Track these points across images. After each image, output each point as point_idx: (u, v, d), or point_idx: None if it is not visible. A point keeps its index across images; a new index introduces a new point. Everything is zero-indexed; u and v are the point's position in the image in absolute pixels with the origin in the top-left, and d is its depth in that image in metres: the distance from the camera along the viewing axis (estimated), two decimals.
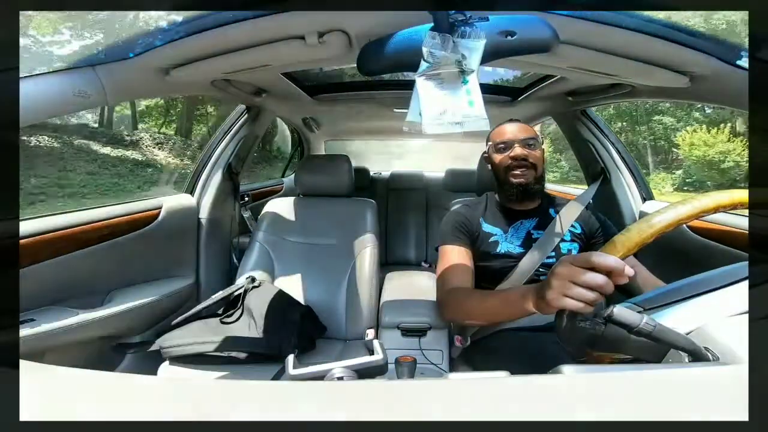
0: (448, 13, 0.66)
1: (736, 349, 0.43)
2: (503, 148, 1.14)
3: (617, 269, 0.56)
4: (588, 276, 0.58)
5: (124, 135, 10.88)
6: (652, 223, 0.57)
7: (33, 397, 0.27)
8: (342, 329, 1.41)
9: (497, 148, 1.16)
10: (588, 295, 0.58)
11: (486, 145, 1.24)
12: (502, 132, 1.16)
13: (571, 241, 1.14)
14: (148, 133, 11.56)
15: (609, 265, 0.56)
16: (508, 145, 1.13)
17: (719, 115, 10.73)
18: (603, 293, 0.58)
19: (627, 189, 1.63)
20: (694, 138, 10.13)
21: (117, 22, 1.90)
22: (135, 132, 11.53)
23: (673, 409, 0.27)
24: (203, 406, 0.28)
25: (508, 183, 1.14)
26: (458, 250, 1.13)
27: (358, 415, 0.26)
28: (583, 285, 0.58)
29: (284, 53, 0.98)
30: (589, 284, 0.58)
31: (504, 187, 1.16)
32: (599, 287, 0.57)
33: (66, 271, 1.11)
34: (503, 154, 1.14)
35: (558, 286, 0.61)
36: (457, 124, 0.71)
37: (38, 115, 0.81)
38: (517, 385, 0.32)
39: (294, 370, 0.52)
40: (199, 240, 1.63)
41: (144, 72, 0.99)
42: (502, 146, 1.14)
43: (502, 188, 1.17)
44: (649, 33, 0.82)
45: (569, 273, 0.60)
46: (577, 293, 0.58)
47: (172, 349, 1.12)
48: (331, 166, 1.63)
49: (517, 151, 1.11)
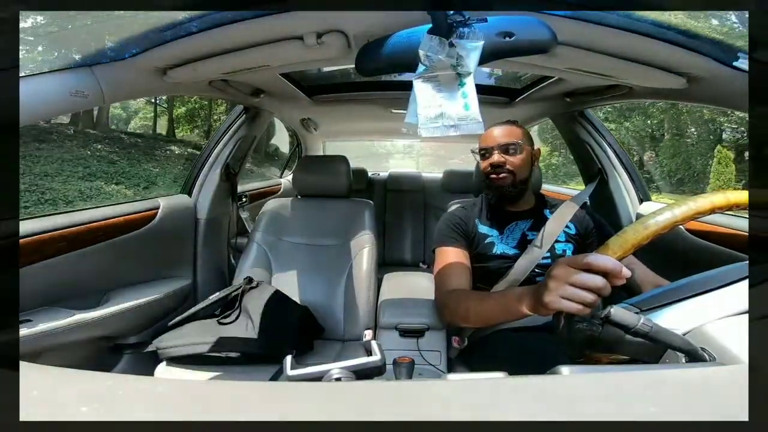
0: (446, 14, 0.66)
1: (733, 349, 0.43)
2: (484, 154, 1.18)
3: (614, 270, 0.56)
4: (585, 277, 0.58)
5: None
6: (648, 225, 0.57)
7: (33, 397, 0.27)
8: (340, 330, 1.41)
9: (480, 154, 1.19)
10: (585, 296, 0.57)
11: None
12: (485, 137, 1.19)
13: (566, 241, 1.15)
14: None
15: (605, 266, 0.56)
16: (488, 152, 1.16)
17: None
18: (600, 295, 0.58)
19: (624, 190, 1.64)
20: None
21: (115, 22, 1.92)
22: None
23: (671, 410, 0.27)
24: (200, 406, 0.28)
25: (489, 187, 1.18)
26: (455, 251, 1.14)
27: (356, 416, 0.26)
28: (580, 286, 0.58)
29: (283, 54, 0.98)
30: (586, 285, 0.57)
31: (487, 190, 1.21)
32: (597, 289, 0.57)
33: (63, 271, 1.10)
34: (485, 160, 1.17)
35: (555, 288, 0.60)
36: (452, 127, 0.71)
37: (36, 115, 0.80)
38: (515, 385, 0.32)
39: (292, 371, 0.52)
40: (197, 240, 1.63)
41: (141, 72, 0.98)
42: (483, 152, 1.18)
43: (488, 191, 1.21)
44: (647, 34, 0.83)
45: (566, 274, 0.59)
46: (574, 294, 0.58)
47: (169, 349, 1.11)
48: (328, 167, 1.63)
49: (495, 158, 1.14)
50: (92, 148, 8.52)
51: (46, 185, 6.66)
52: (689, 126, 13.52)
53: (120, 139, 9.59)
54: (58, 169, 7.26)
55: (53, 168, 7.20)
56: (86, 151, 8.31)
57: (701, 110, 12.39)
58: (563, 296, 0.59)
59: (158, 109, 12.35)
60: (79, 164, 7.71)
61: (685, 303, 0.53)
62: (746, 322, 0.45)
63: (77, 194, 6.91)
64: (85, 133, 8.91)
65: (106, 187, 7.45)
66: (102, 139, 9.05)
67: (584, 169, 1.80)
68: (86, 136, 8.81)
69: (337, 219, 1.56)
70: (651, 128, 13.98)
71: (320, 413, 0.27)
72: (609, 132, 1.71)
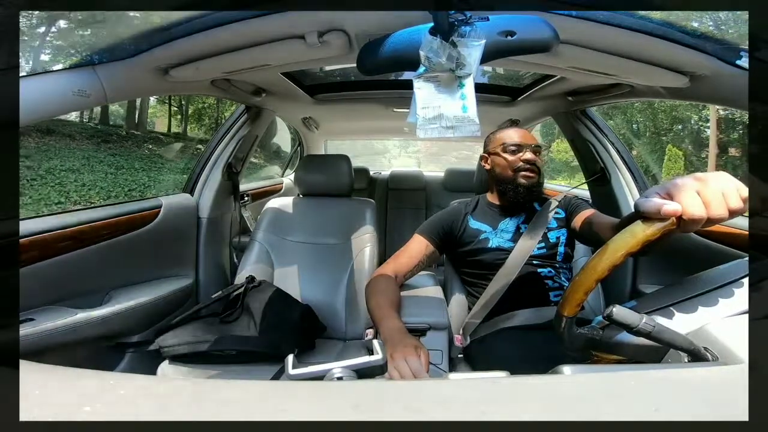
0: (448, 13, 0.66)
1: (735, 349, 0.43)
2: (515, 150, 1.17)
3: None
4: (411, 362, 0.71)
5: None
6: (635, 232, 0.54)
7: (33, 397, 0.27)
8: (341, 329, 1.41)
9: (509, 150, 1.18)
10: (407, 373, 0.70)
11: (488, 146, 1.26)
12: (514, 135, 1.20)
13: (558, 228, 1.19)
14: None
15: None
16: (521, 148, 1.17)
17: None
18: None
19: (626, 189, 1.63)
20: (560, 146, 13.79)
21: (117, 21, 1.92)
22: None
23: (672, 409, 0.27)
24: (203, 405, 0.28)
25: (515, 183, 1.16)
26: (422, 243, 1.19)
27: (357, 415, 0.26)
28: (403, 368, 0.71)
29: (284, 53, 0.98)
30: (407, 371, 0.70)
31: (509, 186, 1.18)
32: (416, 371, 0.70)
33: (66, 270, 1.10)
34: (515, 155, 1.17)
35: (397, 358, 0.73)
36: (450, 129, 0.71)
37: (38, 115, 0.81)
38: (517, 384, 0.32)
39: (293, 370, 0.52)
40: (199, 239, 1.63)
41: (143, 71, 0.98)
42: (514, 148, 1.17)
43: (506, 187, 1.19)
44: (649, 33, 0.82)
45: (399, 356, 0.73)
46: (401, 367, 0.71)
47: (172, 348, 1.11)
48: (330, 166, 1.63)
49: (529, 156, 1.16)
50: (146, 148, 9.82)
51: (138, 177, 8.54)
52: (663, 125, 14.49)
53: (159, 140, 10.65)
54: (145, 164, 9.12)
55: (140, 164, 9.04)
56: (144, 150, 9.72)
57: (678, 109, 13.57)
58: (395, 367, 0.71)
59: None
60: (149, 159, 9.36)
61: (688, 302, 0.53)
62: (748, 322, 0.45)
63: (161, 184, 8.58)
64: (135, 135, 10.07)
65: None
66: (148, 139, 10.29)
67: (586, 168, 1.79)
68: (136, 137, 9.98)
69: (338, 218, 1.56)
70: (633, 127, 14.67)
71: (322, 412, 0.27)
72: (611, 130, 1.70)
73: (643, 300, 0.58)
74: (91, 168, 7.91)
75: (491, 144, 1.24)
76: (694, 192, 0.50)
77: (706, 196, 0.49)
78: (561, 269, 1.16)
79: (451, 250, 1.23)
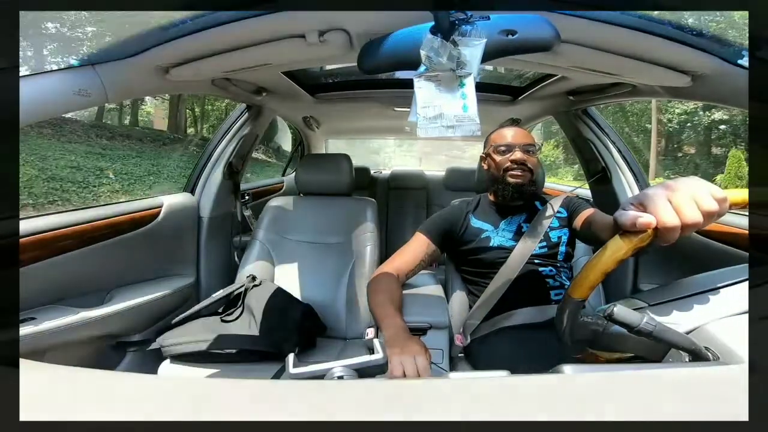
0: (449, 12, 0.66)
1: (736, 348, 0.43)
2: (504, 151, 1.18)
3: None
4: (419, 361, 0.73)
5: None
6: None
7: (33, 397, 0.27)
8: (342, 328, 1.41)
9: (498, 150, 1.19)
10: (411, 369, 0.72)
11: (485, 147, 1.27)
12: (505, 135, 1.20)
13: (559, 228, 1.18)
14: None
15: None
16: (509, 149, 1.17)
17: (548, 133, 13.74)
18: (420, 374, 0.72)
19: (628, 188, 1.63)
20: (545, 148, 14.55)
21: (118, 21, 1.90)
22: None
23: (673, 409, 0.27)
24: (204, 404, 0.28)
25: (504, 182, 1.17)
26: (422, 241, 1.19)
27: (358, 414, 0.26)
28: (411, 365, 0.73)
29: (285, 52, 0.98)
30: (412, 369, 0.72)
31: (499, 185, 1.20)
32: (422, 369, 0.73)
33: (67, 269, 1.11)
34: (503, 156, 1.18)
35: (397, 354, 0.75)
36: (450, 128, 0.71)
37: (39, 115, 0.81)
38: (517, 384, 0.32)
39: (294, 369, 0.52)
40: (200, 238, 1.63)
41: (144, 71, 0.99)
42: (503, 149, 1.18)
43: (497, 187, 1.20)
44: (650, 32, 0.82)
45: (409, 355, 0.74)
46: (406, 363, 0.73)
47: (173, 347, 1.12)
48: (331, 165, 1.63)
49: (517, 155, 1.15)
50: (192, 150, 11.06)
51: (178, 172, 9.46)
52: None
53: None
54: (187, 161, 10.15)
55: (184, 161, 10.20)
56: (187, 151, 10.98)
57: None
58: (401, 362, 0.73)
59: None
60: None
61: (689, 301, 0.53)
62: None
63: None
64: (174, 137, 11.42)
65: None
66: (192, 142, 11.89)
67: (587, 168, 1.79)
68: (176, 140, 11.31)
69: (339, 217, 1.56)
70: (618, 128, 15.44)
71: (322, 412, 0.27)
72: (613, 130, 1.70)
73: (642, 296, 0.58)
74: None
75: (487, 145, 1.26)
76: (666, 200, 0.49)
77: (677, 203, 0.49)
78: (562, 268, 1.16)
79: (453, 248, 1.23)
